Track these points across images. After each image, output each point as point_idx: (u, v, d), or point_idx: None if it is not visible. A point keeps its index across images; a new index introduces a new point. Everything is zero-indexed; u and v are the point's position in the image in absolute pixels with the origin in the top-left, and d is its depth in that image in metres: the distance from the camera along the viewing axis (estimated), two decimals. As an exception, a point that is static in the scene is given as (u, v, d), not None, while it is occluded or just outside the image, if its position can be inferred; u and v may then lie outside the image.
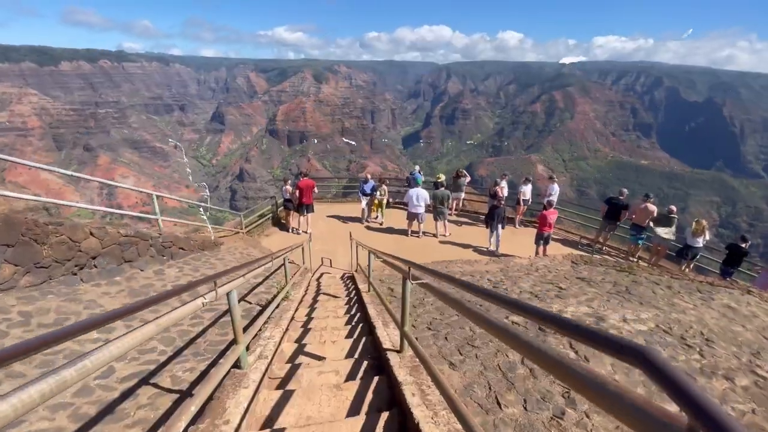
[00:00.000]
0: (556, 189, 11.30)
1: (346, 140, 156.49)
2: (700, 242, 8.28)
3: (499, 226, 9.48)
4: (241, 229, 9.83)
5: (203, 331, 4.43)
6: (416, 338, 4.28)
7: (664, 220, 8.81)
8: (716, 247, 9.28)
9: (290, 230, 11.42)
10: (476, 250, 10.17)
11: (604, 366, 3.57)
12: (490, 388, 3.02)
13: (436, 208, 10.82)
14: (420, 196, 10.77)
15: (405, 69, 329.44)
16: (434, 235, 11.13)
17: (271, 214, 11.69)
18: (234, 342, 2.49)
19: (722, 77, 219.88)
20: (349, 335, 3.62)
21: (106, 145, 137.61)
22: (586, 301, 5.32)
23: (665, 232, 8.64)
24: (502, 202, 9.70)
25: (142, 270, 6.15)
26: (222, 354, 3.84)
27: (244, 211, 10.50)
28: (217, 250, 8.04)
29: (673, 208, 8.82)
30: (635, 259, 9.59)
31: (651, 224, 8.98)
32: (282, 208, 12.66)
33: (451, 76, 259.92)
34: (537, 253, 9.43)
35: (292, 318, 4.25)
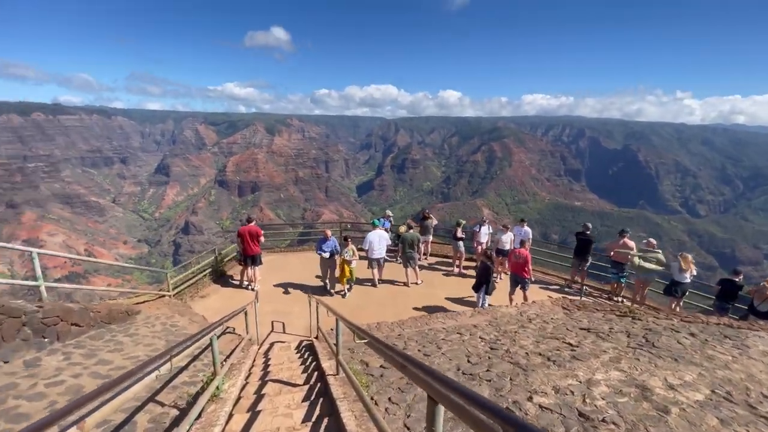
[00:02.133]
0: (528, 232, 10.41)
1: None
2: (687, 277, 7.78)
3: (486, 286, 7.75)
4: (168, 290, 7.88)
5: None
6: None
7: (644, 255, 8.33)
8: (704, 282, 8.88)
9: (243, 286, 9.62)
10: (453, 299, 8.99)
11: None
12: None
13: (405, 253, 9.64)
14: (383, 239, 9.62)
15: (356, 123, 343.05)
16: (405, 284, 9.85)
17: (210, 269, 9.77)
18: None
19: (634, 127, 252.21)
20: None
21: (34, 200, 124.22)
22: (611, 362, 4.24)
23: (649, 268, 8.10)
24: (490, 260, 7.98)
25: (5, 362, 4.23)
26: None
27: (172, 268, 8.50)
28: (130, 322, 6.12)
29: (653, 241, 8.40)
30: (620, 299, 8.93)
31: (632, 260, 8.45)
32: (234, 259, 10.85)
33: (399, 129, 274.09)
34: (512, 298, 8.40)
35: (220, 439, 2.68)
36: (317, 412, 3.15)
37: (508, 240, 9.90)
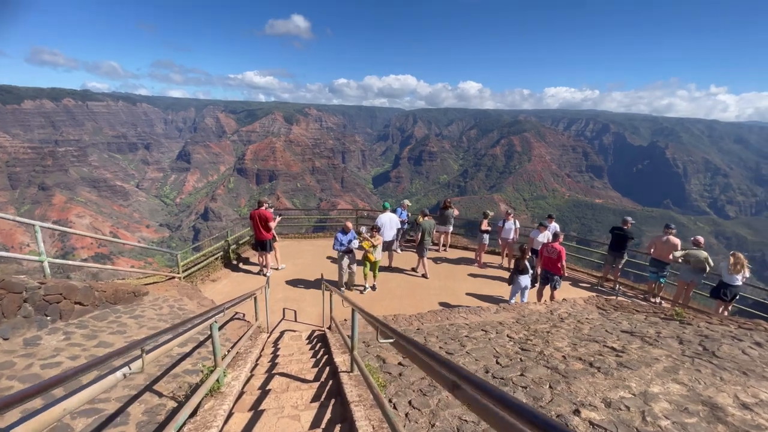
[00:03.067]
0: (555, 227, 9.84)
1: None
2: (739, 280, 7.03)
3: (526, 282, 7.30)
4: (178, 272, 7.62)
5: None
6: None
7: (689, 254, 7.60)
8: (754, 284, 8.06)
9: (256, 272, 9.41)
10: (475, 294, 8.46)
11: None
12: None
13: (423, 242, 9.19)
14: (393, 221, 9.60)
15: (374, 113, 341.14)
16: (423, 275, 9.38)
17: (221, 253, 9.50)
18: None
19: (663, 123, 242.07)
20: None
21: (63, 183, 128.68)
22: (666, 373, 3.68)
23: (693, 269, 7.39)
24: (528, 255, 7.34)
25: (5, 338, 3.98)
26: None
27: (182, 250, 8.23)
28: (137, 303, 5.85)
29: (700, 239, 7.63)
30: (657, 300, 8.23)
31: (674, 259, 7.75)
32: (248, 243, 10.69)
33: (417, 121, 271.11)
34: (541, 295, 7.86)
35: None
36: (328, 415, 2.73)
37: (544, 239, 8.74)
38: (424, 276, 9.34)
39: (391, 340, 1.99)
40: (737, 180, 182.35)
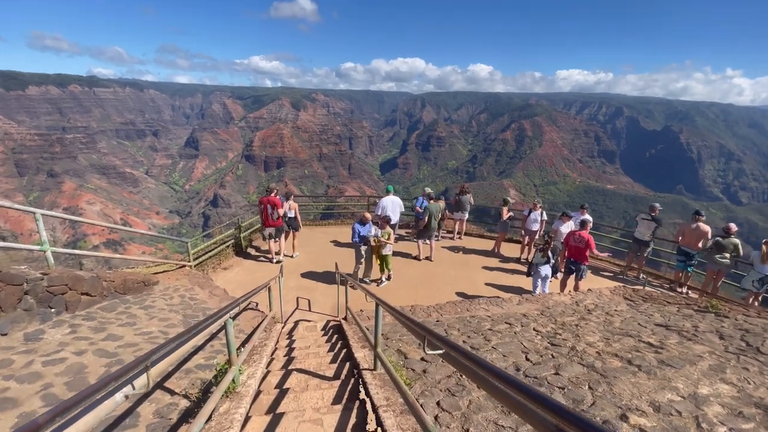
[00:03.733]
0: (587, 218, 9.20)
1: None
2: (771, 269, 6.66)
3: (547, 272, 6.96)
4: (189, 260, 7.48)
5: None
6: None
7: (719, 242, 7.22)
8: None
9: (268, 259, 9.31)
10: (494, 285, 8.18)
11: None
12: None
13: (428, 227, 8.98)
14: (395, 204, 9.58)
15: (381, 98, 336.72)
16: (427, 258, 9.26)
17: (233, 240, 9.34)
18: None
19: (678, 107, 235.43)
20: None
21: (72, 170, 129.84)
22: (713, 372, 3.40)
23: (723, 257, 7.02)
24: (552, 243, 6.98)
25: (3, 334, 3.82)
26: None
27: (193, 237, 8.08)
28: (147, 293, 5.70)
29: (733, 226, 7.24)
30: (684, 290, 7.89)
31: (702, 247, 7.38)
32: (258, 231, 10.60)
33: (425, 105, 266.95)
34: (565, 285, 7.56)
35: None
36: (353, 420, 2.51)
37: (567, 230, 8.06)
38: (427, 258, 9.35)
39: (441, 351, 1.74)
40: (750, 165, 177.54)
